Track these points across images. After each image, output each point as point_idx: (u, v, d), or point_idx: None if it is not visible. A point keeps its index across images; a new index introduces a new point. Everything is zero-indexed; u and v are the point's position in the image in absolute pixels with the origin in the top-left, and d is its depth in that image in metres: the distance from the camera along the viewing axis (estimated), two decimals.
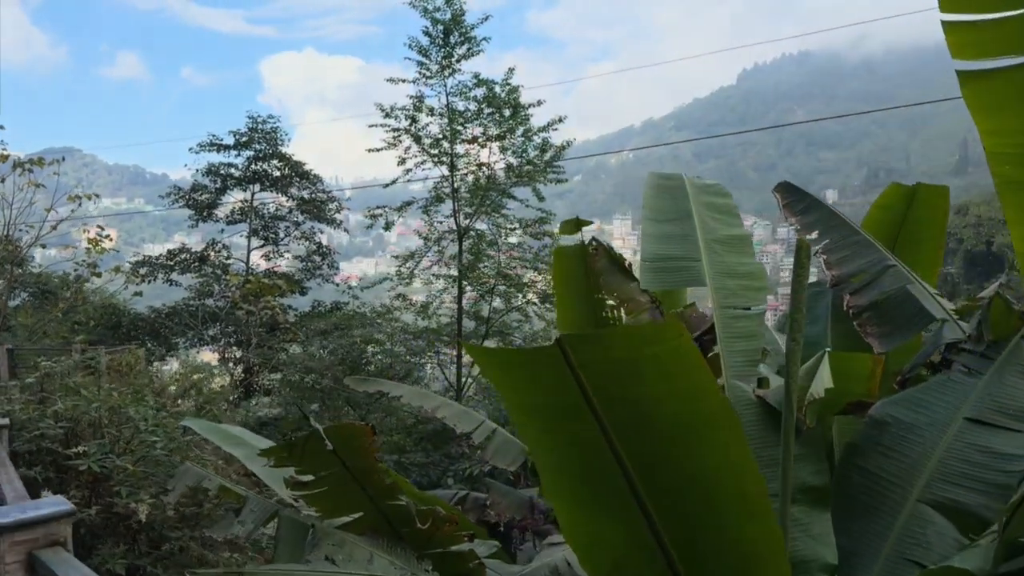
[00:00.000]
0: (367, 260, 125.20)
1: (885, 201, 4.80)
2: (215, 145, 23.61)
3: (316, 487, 3.65)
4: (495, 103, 15.29)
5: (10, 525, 3.12)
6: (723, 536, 2.61)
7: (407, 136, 15.86)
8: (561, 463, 2.76)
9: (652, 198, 4.79)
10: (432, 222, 16.30)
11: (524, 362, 2.58)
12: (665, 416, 2.42)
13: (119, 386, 6.86)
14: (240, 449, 5.21)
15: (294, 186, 24.28)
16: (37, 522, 3.14)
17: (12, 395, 6.45)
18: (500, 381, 2.69)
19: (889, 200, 4.78)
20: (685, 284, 4.44)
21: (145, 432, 5.59)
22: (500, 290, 15.61)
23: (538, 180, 15.36)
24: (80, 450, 5.24)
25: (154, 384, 9.53)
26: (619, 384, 2.42)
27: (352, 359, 15.34)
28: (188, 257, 23.37)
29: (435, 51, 15.40)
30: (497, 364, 2.65)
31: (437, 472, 12.82)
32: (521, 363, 2.58)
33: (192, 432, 5.88)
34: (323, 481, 3.66)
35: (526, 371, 2.56)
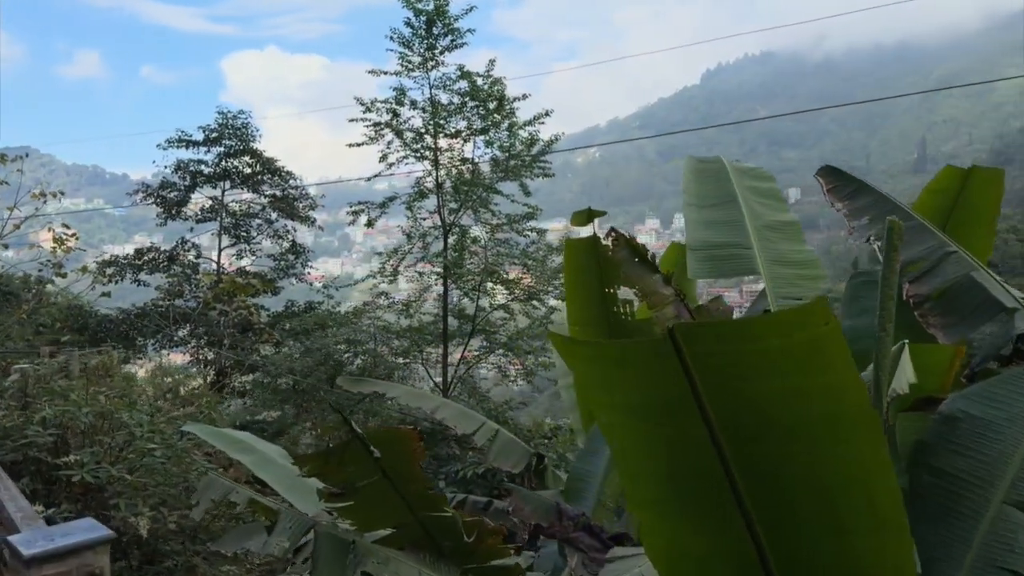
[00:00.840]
0: (332, 260, 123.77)
1: (937, 184, 4.55)
2: (184, 141, 22.94)
3: (353, 498, 3.30)
4: (479, 96, 14.93)
5: (38, 556, 2.61)
6: (844, 550, 2.32)
7: (389, 130, 15.43)
8: (653, 469, 2.45)
9: (693, 183, 4.49)
10: (416, 218, 15.89)
11: (623, 356, 2.26)
12: (795, 415, 2.12)
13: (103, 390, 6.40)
14: (247, 455, 4.83)
15: (265, 183, 23.70)
16: (69, 552, 2.61)
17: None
18: (589, 377, 2.38)
19: (941, 183, 4.54)
20: (738, 273, 4.15)
21: (141, 439, 5.17)
22: (486, 287, 15.26)
23: (524, 175, 15.04)
24: (71, 459, 4.81)
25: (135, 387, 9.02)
26: (739, 379, 2.11)
27: (334, 360, 14.90)
28: (157, 256, 22.67)
29: (417, 43, 15.01)
30: (589, 358, 2.33)
31: (427, 474, 12.44)
32: (619, 357, 2.26)
33: (189, 438, 5.48)
34: (361, 491, 3.31)
35: (624, 365, 2.25)
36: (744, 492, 2.30)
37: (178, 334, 21.50)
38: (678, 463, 2.36)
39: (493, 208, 15.39)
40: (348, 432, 3.11)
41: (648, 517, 2.61)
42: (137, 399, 6.26)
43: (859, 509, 2.22)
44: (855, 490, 2.19)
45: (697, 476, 2.35)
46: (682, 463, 2.35)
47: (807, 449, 2.15)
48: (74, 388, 5.80)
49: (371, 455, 3.17)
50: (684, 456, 2.33)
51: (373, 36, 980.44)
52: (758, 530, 2.36)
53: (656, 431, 2.32)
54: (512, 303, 15.70)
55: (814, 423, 2.11)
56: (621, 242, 6.14)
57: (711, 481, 2.31)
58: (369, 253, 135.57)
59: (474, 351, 16.18)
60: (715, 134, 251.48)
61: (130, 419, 5.32)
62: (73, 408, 5.29)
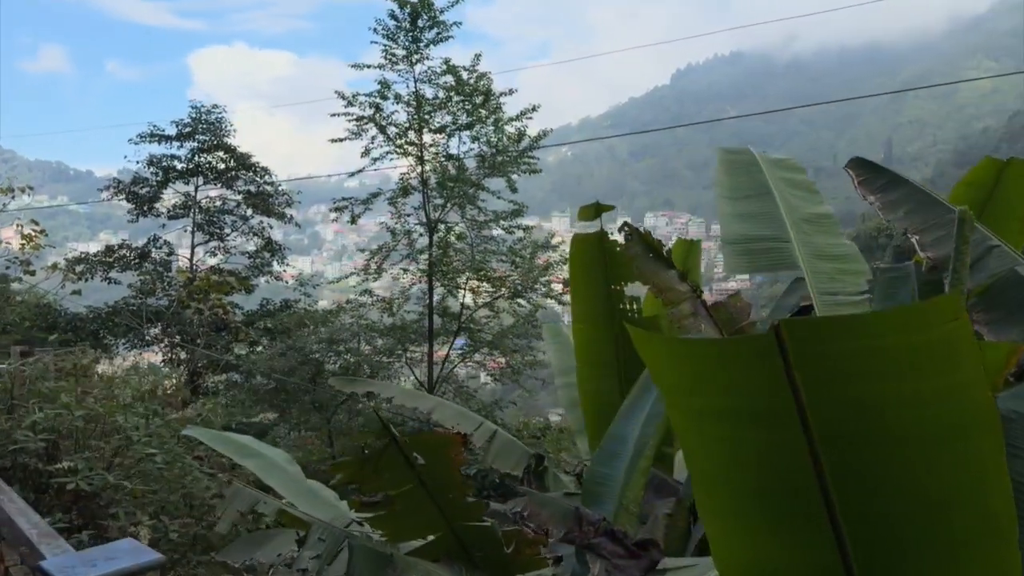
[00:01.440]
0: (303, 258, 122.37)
1: (972, 177, 4.42)
2: (156, 136, 22.38)
3: (389, 507, 3.08)
4: (464, 91, 14.67)
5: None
6: (952, 564, 2.14)
7: (372, 125, 15.11)
8: (738, 477, 2.26)
9: (725, 174, 4.32)
10: (400, 214, 15.59)
11: (720, 354, 2.07)
12: (911, 421, 1.94)
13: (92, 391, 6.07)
14: (252, 460, 4.58)
15: (240, 179, 23.21)
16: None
17: None
18: (672, 376, 2.18)
19: (977, 176, 4.41)
20: (776, 268, 3.98)
21: (138, 443, 4.89)
22: (472, 285, 15.03)
23: (511, 170, 14.82)
24: (65, 466, 4.51)
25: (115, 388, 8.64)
26: (849, 381, 1.92)
27: (315, 359, 14.58)
28: (128, 254, 22.09)
29: (402, 36, 14.70)
30: (676, 355, 2.13)
31: None
32: (715, 355, 2.07)
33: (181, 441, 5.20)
34: (396, 499, 3.09)
35: (719, 365, 2.06)
36: (839, 505, 2.12)
37: (150, 333, 21.01)
38: (768, 472, 2.17)
39: (480, 205, 15.15)
40: (386, 438, 2.88)
41: (723, 529, 2.43)
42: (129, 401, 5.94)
43: (975, 520, 2.04)
44: (973, 500, 2.02)
45: (788, 486, 2.16)
46: (772, 472, 2.16)
47: (922, 458, 1.97)
48: (63, 390, 5.48)
49: (408, 462, 2.94)
50: (775, 464, 2.14)
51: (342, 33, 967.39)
52: (851, 545, 2.19)
53: (746, 436, 2.13)
54: (497, 301, 15.49)
55: (934, 429, 1.93)
56: (635, 237, 5.96)
57: (804, 492, 2.12)
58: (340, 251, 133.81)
59: (457, 350, 15.94)
60: (686, 134, 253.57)
61: (125, 422, 5.02)
62: (65, 412, 4.98)
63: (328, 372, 14.72)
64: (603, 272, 6.42)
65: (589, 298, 6.67)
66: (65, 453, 4.92)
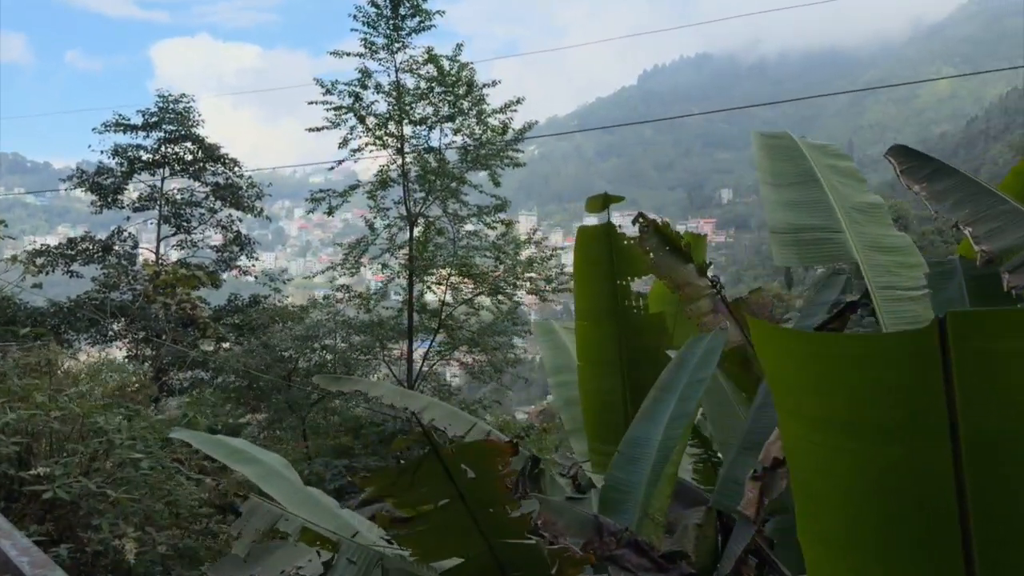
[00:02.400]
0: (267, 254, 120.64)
1: None
2: (121, 125, 21.64)
3: (422, 523, 2.74)
4: (446, 82, 14.27)
5: None
6: None
7: (351, 115, 14.63)
8: (855, 499, 1.95)
9: (766, 160, 4.03)
10: (379, 208, 15.13)
11: (856, 351, 1.75)
12: None
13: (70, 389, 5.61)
14: (249, 466, 4.20)
15: (208, 171, 22.54)
16: None
17: None
18: (793, 376, 1.87)
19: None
20: (829, 260, 3.70)
21: (122, 447, 4.45)
22: (453, 282, 14.65)
23: (494, 164, 14.45)
24: (40, 472, 4.07)
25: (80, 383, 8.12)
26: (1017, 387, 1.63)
27: (289, 357, 14.12)
28: (91, 246, 21.33)
29: (383, 23, 14.26)
30: (802, 353, 1.82)
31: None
32: (849, 353, 1.76)
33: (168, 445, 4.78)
34: (431, 515, 2.74)
35: (850, 365, 1.75)
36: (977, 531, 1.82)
37: (113, 328, 20.31)
38: (898, 494, 1.86)
39: (463, 199, 14.77)
40: (425, 446, 2.54)
41: (828, 556, 2.12)
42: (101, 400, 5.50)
43: None
44: None
45: (920, 511, 1.86)
46: (903, 494, 1.85)
47: None
48: (35, 388, 5.01)
49: (448, 474, 2.60)
50: (909, 485, 1.83)
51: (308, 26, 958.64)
52: None
53: (876, 451, 1.83)
54: (478, 297, 15.14)
55: None
56: (651, 229, 5.66)
57: (938, 518, 1.82)
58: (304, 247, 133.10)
59: (436, 348, 15.55)
60: (652, 135, 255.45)
61: (106, 424, 4.57)
62: (39, 412, 4.52)
63: (302, 370, 14.28)
64: (609, 267, 6.12)
65: (593, 294, 6.35)
66: (39, 457, 4.48)
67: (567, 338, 7.96)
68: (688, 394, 4.77)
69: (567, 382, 7.54)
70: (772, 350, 1.83)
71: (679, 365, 5.00)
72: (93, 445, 4.50)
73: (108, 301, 19.89)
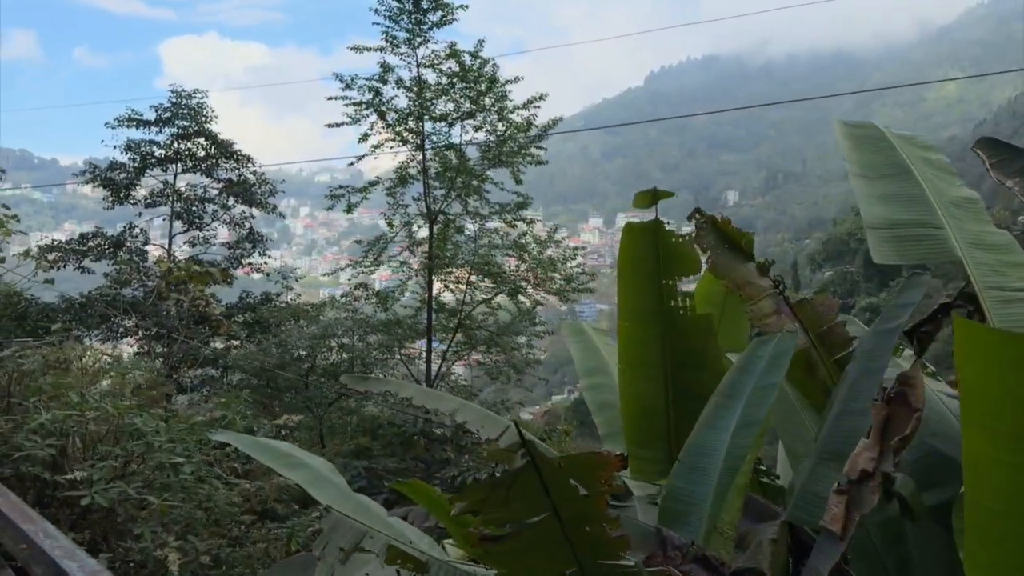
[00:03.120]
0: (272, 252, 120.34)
1: None
2: (134, 120, 21.45)
3: (512, 543, 2.49)
4: (468, 77, 14.02)
5: None
6: None
7: (371, 111, 14.39)
8: None
9: (853, 150, 3.78)
10: (398, 204, 14.89)
11: None
12: None
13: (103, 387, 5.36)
14: (298, 472, 3.97)
15: (221, 167, 22.33)
16: None
17: None
18: (999, 388, 1.61)
19: None
20: (931, 257, 3.44)
21: (161, 450, 4.20)
22: (473, 280, 14.40)
23: (517, 161, 14.20)
24: (76, 476, 3.82)
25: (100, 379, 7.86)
26: None
27: (306, 356, 13.89)
28: (102, 242, 21.12)
29: (405, 17, 14.02)
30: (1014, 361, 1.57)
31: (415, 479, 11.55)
32: None
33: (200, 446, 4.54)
34: (522, 533, 2.50)
35: None
36: None
37: (124, 324, 20.11)
38: None
39: (486, 196, 14.52)
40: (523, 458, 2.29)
41: None
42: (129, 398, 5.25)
43: None
44: None
45: None
46: None
47: None
48: (69, 386, 4.76)
49: (545, 488, 2.35)
50: None
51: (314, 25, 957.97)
52: None
53: None
54: (498, 297, 14.88)
55: None
56: (708, 225, 5.42)
57: None
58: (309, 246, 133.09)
59: (453, 348, 15.30)
60: (658, 136, 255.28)
61: (144, 424, 4.31)
62: (76, 412, 4.26)
63: (319, 369, 14.05)
64: (655, 265, 5.87)
65: (637, 294, 6.09)
66: (72, 460, 4.23)
67: (598, 339, 7.71)
68: (756, 400, 4.52)
69: (600, 385, 7.29)
70: (979, 355, 1.58)
71: (743, 369, 4.75)
72: (130, 447, 4.25)
73: (120, 297, 19.71)
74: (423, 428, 11.65)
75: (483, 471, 10.71)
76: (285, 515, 5.27)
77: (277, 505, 5.28)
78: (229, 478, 4.62)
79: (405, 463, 11.86)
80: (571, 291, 14.68)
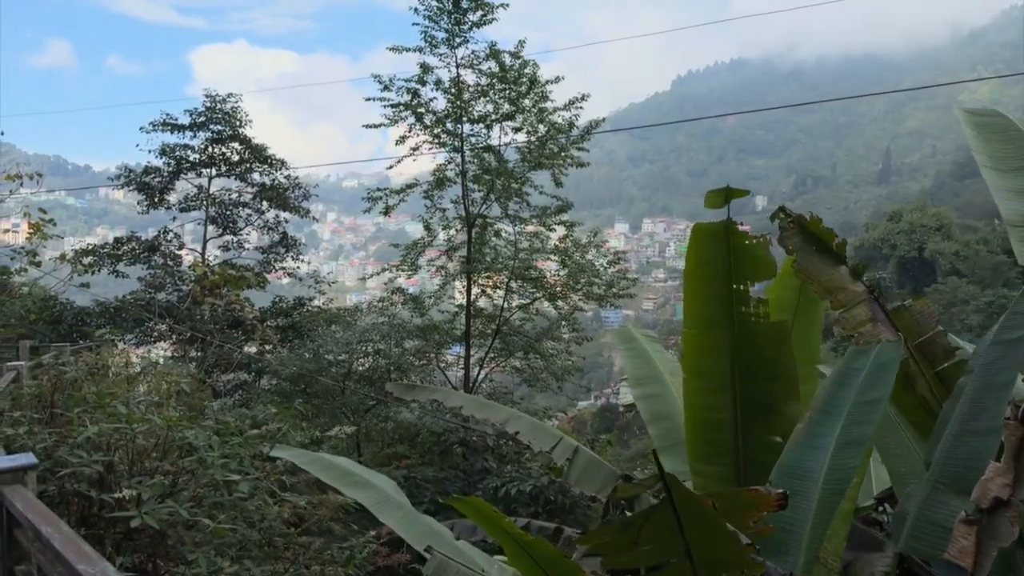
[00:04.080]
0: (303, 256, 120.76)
1: None
2: (169, 124, 21.41)
3: None
4: (508, 77, 13.69)
5: None
6: None
7: (408, 112, 14.12)
8: None
9: (980, 140, 3.42)
10: (436, 208, 14.61)
11: None
12: None
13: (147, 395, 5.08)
14: (363, 492, 3.68)
15: (255, 171, 22.24)
16: None
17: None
18: None
19: None
20: None
21: (215, 467, 3.87)
22: (514, 286, 14.07)
23: (558, 163, 13.85)
24: (125, 495, 3.51)
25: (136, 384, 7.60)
26: None
27: (343, 361, 13.65)
28: (137, 246, 21.08)
29: (445, 18, 13.73)
30: None
31: (455, 490, 11.27)
32: None
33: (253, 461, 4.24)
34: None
35: None
36: None
37: (158, 329, 20.04)
38: None
39: (526, 198, 14.18)
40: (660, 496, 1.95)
41: None
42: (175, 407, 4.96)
43: None
44: None
45: None
46: None
47: None
48: (114, 396, 4.45)
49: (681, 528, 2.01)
50: None
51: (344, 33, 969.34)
52: None
53: None
54: (537, 302, 14.54)
55: None
56: (795, 225, 5.06)
57: None
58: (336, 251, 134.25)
59: (491, 355, 14.96)
60: (685, 141, 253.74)
61: (195, 438, 3.99)
62: (123, 425, 3.95)
63: (355, 374, 13.81)
64: (726, 268, 5.50)
65: (705, 298, 5.71)
66: (118, 476, 3.93)
67: (648, 346, 7.34)
68: (859, 417, 4.15)
69: (654, 395, 6.93)
70: None
71: (841, 383, 4.38)
72: (182, 463, 3.93)
73: (154, 301, 19.66)
74: (463, 437, 11.33)
75: (527, 482, 10.37)
76: (343, 535, 4.95)
77: (333, 524, 4.97)
78: (284, 495, 4.30)
79: (444, 472, 11.54)
80: (611, 297, 14.30)
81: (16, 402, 4.80)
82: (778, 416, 5.28)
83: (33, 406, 4.76)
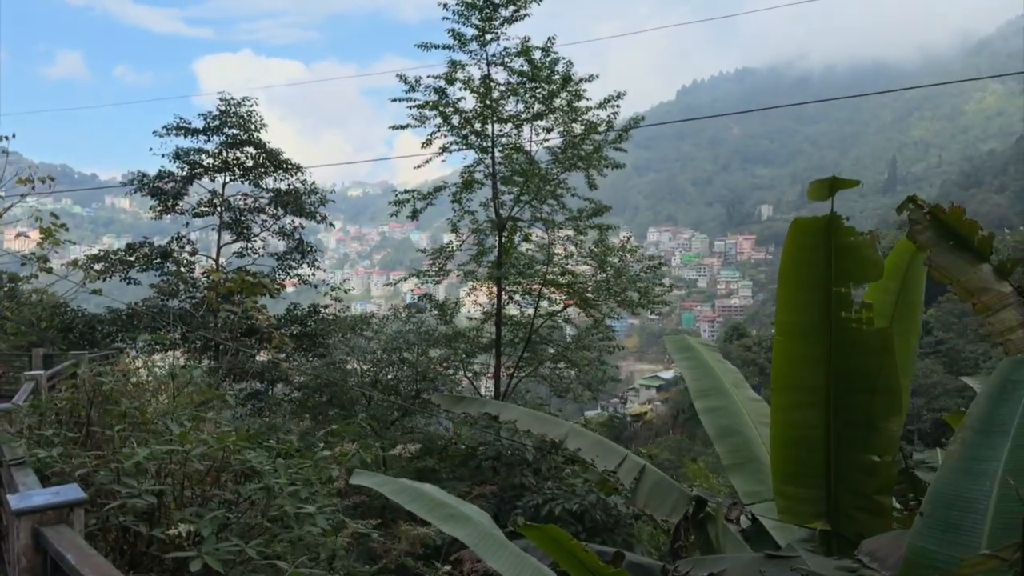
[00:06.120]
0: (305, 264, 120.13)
1: None
2: (183, 128, 20.91)
3: None
4: (540, 75, 13.12)
5: None
6: None
7: (435, 112, 13.55)
8: None
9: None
10: (465, 211, 14.03)
11: None
12: None
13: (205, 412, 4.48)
14: (459, 527, 3.13)
15: (270, 176, 21.70)
16: None
17: (25, 423, 3.91)
18: None
19: None
20: None
21: (283, 497, 3.24)
22: (546, 292, 13.48)
23: (594, 163, 13.27)
24: (181, 531, 2.90)
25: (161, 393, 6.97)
26: None
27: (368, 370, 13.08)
28: (149, 252, 20.55)
29: (476, 14, 13.16)
30: None
31: (490, 507, 10.65)
32: None
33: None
34: None
35: None
36: None
37: (171, 336, 19.50)
38: None
39: (561, 200, 13.59)
40: None
41: None
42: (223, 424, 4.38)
43: None
44: None
45: None
46: None
47: None
48: (166, 413, 3.86)
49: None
50: None
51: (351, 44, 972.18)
52: None
53: None
54: (567, 309, 13.96)
55: None
56: (929, 218, 4.47)
57: None
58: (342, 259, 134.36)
59: (521, 364, 14.37)
60: (691, 150, 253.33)
61: (259, 463, 3.35)
62: (178, 447, 3.31)
63: (380, 384, 13.24)
64: (826, 269, 4.90)
65: (801, 303, 5.12)
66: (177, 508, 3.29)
67: (708, 356, 6.80)
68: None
69: (718, 408, 6.41)
70: None
71: (999, 398, 3.80)
72: (245, 491, 3.29)
73: (167, 308, 19.13)
74: (500, 452, 10.72)
75: (573, 500, 9.76)
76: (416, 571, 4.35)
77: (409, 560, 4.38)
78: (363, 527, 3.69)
79: (478, 487, 10.94)
80: (647, 304, 13.72)
81: (43, 417, 4.18)
82: (877, 434, 4.69)
83: (64, 422, 4.14)
